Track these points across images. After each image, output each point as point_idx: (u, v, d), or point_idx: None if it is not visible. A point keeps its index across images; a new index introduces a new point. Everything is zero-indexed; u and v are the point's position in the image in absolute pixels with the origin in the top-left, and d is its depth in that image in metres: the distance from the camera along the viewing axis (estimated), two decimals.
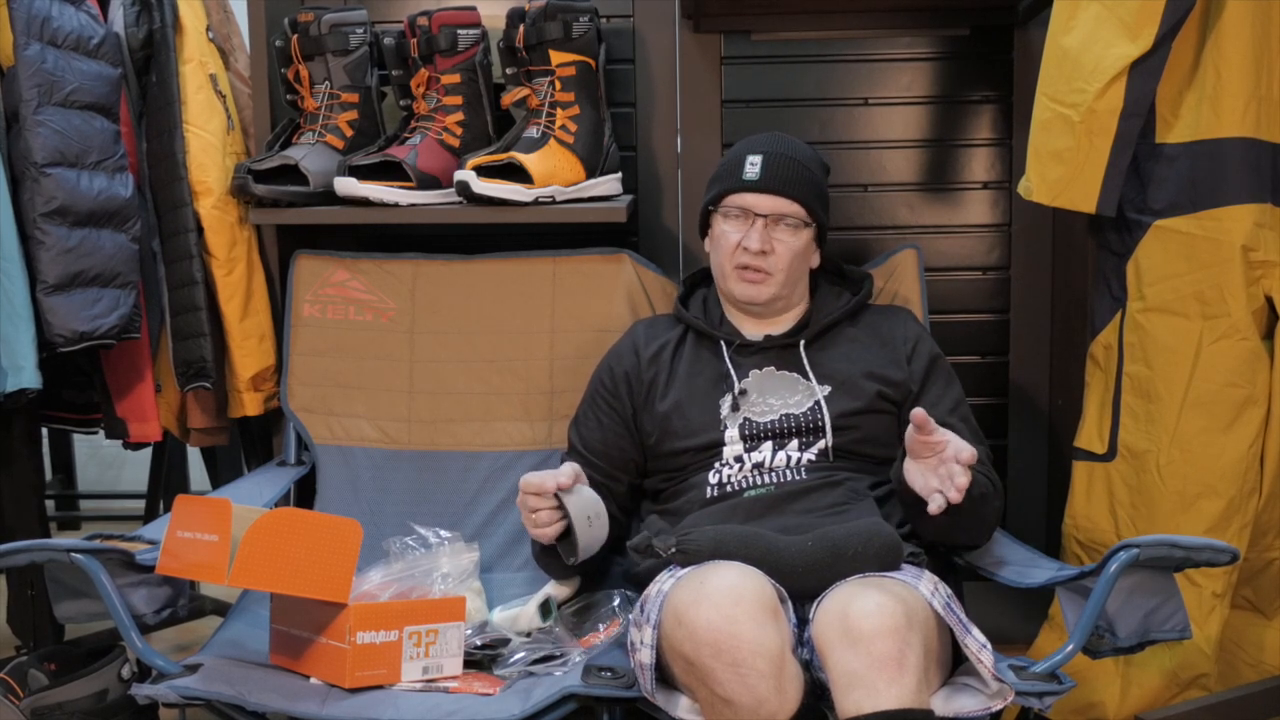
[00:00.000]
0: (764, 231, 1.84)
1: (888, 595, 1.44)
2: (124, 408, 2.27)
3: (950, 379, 1.89)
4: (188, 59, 2.18)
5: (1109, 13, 1.80)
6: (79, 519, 3.73)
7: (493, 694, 1.63)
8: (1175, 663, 1.95)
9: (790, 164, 1.86)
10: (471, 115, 2.18)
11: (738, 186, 1.86)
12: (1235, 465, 1.87)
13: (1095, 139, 1.84)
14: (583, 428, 1.94)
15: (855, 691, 1.39)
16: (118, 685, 1.95)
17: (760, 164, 1.85)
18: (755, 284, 1.86)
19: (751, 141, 1.91)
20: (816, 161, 1.92)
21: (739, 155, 1.89)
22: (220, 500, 1.53)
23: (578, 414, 1.97)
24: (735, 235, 1.85)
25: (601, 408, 1.92)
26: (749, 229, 1.85)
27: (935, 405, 1.83)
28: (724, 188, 1.88)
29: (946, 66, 2.35)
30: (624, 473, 1.90)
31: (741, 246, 1.85)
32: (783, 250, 1.85)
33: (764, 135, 1.92)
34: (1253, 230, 1.85)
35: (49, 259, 1.96)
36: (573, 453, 1.92)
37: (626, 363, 1.94)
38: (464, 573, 1.88)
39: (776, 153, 1.86)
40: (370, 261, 2.23)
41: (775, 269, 1.85)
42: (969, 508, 1.62)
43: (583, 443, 1.92)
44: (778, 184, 1.84)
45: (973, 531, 1.77)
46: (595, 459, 1.89)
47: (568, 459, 1.88)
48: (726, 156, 1.95)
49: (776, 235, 1.85)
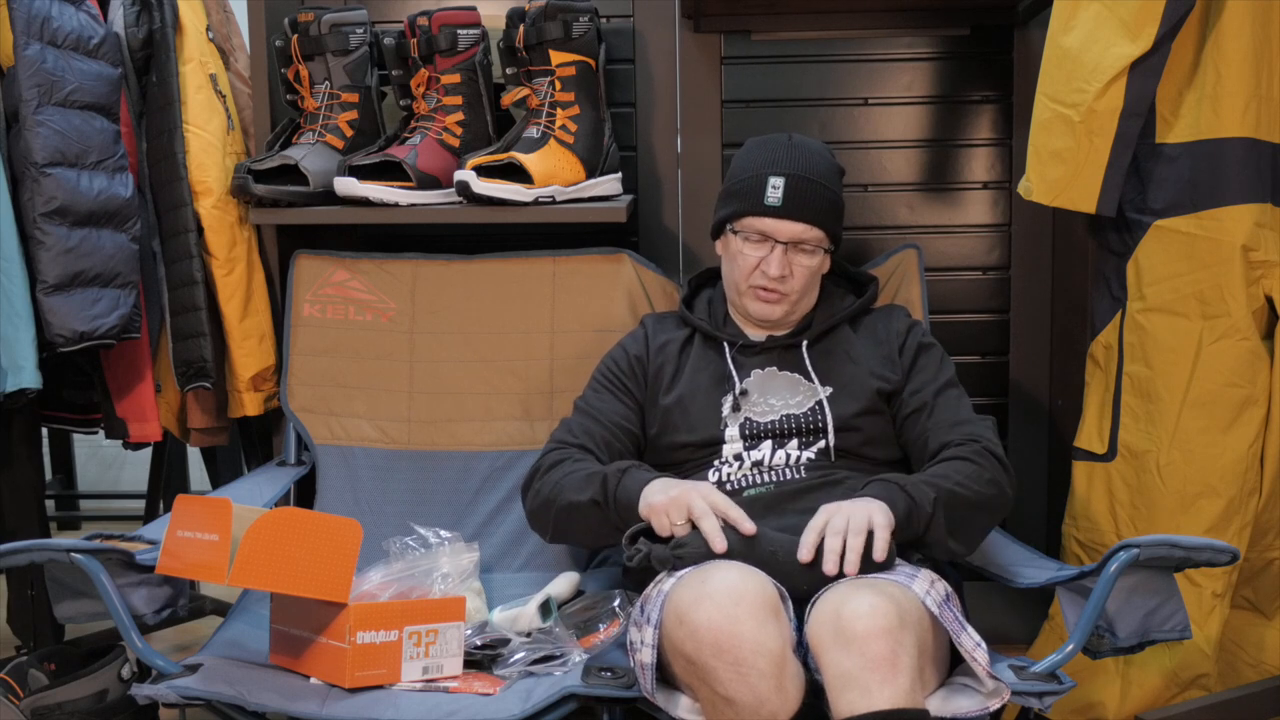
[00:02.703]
0: (784, 257, 1.82)
1: (880, 596, 1.44)
2: (124, 408, 2.27)
3: (941, 363, 1.88)
4: (188, 59, 2.18)
5: (1109, 12, 1.80)
6: (79, 519, 3.73)
7: (493, 694, 1.62)
8: (1175, 663, 1.95)
9: (811, 187, 1.82)
10: (471, 115, 2.18)
11: (759, 210, 1.82)
12: (1235, 465, 1.88)
13: (1095, 139, 1.84)
14: (591, 394, 1.91)
15: (849, 692, 1.39)
16: (118, 685, 1.95)
17: (783, 189, 1.81)
18: (772, 304, 1.86)
19: (770, 155, 1.85)
20: (834, 172, 1.88)
21: (760, 175, 1.83)
22: (220, 500, 1.53)
23: (586, 389, 1.94)
24: (754, 257, 1.84)
25: (615, 384, 1.91)
26: (769, 253, 1.82)
27: (921, 390, 1.83)
28: (744, 208, 1.84)
29: (946, 66, 2.36)
30: (624, 448, 1.88)
31: (760, 270, 1.83)
32: (800, 273, 1.84)
33: (783, 146, 1.86)
34: (1253, 230, 1.85)
35: (49, 259, 1.96)
36: (577, 413, 1.90)
37: (638, 349, 1.94)
38: (464, 573, 1.88)
39: (798, 175, 1.81)
40: (370, 261, 2.23)
41: (792, 290, 1.85)
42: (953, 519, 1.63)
43: (589, 404, 1.89)
44: (800, 211, 1.81)
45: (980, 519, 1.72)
46: (603, 419, 1.87)
47: (570, 419, 1.88)
48: (744, 168, 1.87)
49: (795, 259, 1.83)
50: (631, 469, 1.71)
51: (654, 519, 1.62)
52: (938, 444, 1.76)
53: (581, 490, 1.73)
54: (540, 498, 1.80)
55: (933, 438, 1.78)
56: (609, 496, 1.69)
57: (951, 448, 1.73)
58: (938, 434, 1.77)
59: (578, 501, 1.73)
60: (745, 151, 1.90)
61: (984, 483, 1.69)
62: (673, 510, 1.60)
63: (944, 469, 1.69)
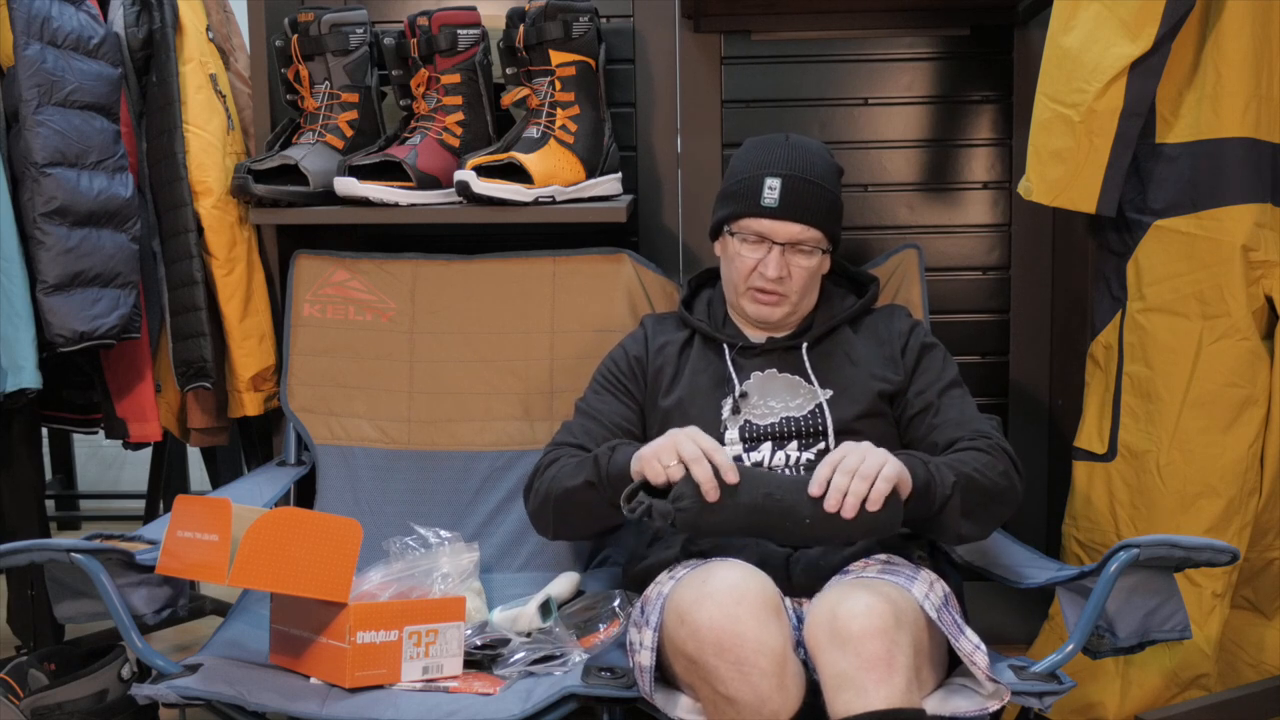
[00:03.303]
0: (781, 258, 1.82)
1: (876, 596, 1.44)
2: (124, 408, 2.27)
3: (944, 363, 1.87)
4: (188, 59, 2.18)
5: (1109, 12, 1.80)
6: (79, 519, 3.73)
7: (493, 694, 1.62)
8: (1175, 663, 1.95)
9: (808, 188, 1.82)
10: (471, 115, 2.18)
11: (755, 211, 1.81)
12: (1235, 465, 1.88)
13: (1095, 139, 1.84)
14: (592, 396, 1.91)
15: (845, 692, 1.39)
16: (118, 685, 1.95)
17: (779, 189, 1.80)
18: (770, 305, 1.85)
19: (768, 154, 1.84)
20: (832, 172, 1.87)
21: (756, 175, 1.82)
22: (220, 500, 1.53)
23: (586, 391, 1.93)
24: (751, 258, 1.83)
25: (615, 386, 1.91)
26: (766, 255, 1.82)
27: (925, 390, 1.82)
28: (741, 210, 1.83)
29: (946, 66, 2.36)
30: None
31: (758, 271, 1.83)
32: (799, 274, 1.84)
33: (780, 146, 1.85)
34: (1253, 230, 1.85)
35: (49, 259, 1.96)
36: (579, 415, 1.89)
37: (638, 350, 1.93)
38: (464, 573, 1.88)
39: (795, 176, 1.81)
40: (370, 261, 2.23)
41: (790, 291, 1.84)
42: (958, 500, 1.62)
43: (591, 407, 1.88)
44: (797, 212, 1.81)
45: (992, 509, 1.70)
46: (605, 421, 1.86)
47: (572, 421, 1.87)
48: (742, 168, 1.86)
49: (793, 260, 1.83)
50: (621, 445, 1.70)
51: (646, 469, 1.58)
52: (947, 440, 1.75)
53: (575, 475, 1.72)
54: (539, 495, 1.79)
55: (940, 435, 1.77)
56: (602, 474, 1.67)
57: (964, 441, 1.73)
58: (945, 431, 1.77)
59: (572, 487, 1.72)
60: (743, 152, 1.90)
61: (999, 474, 1.69)
62: (663, 454, 1.57)
63: (961, 457, 1.69)
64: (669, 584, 1.56)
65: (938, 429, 1.78)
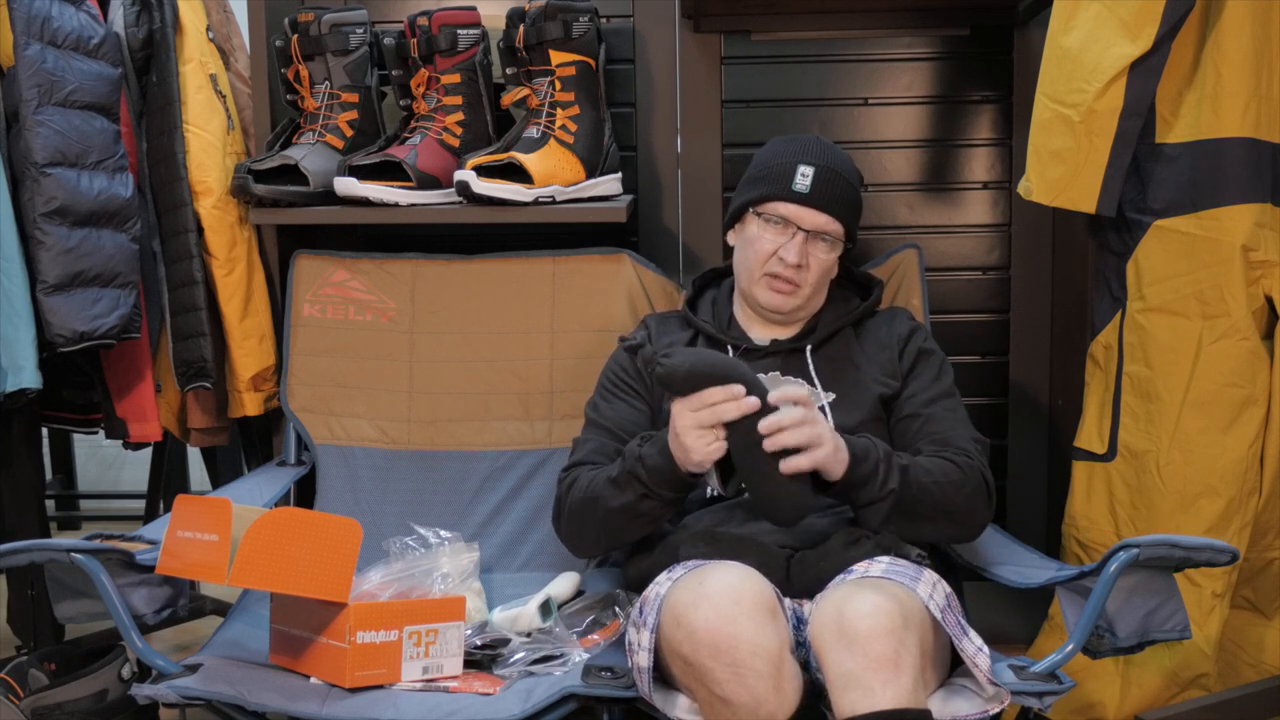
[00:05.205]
0: (803, 246, 1.82)
1: (883, 596, 1.44)
2: (124, 408, 2.27)
3: (941, 371, 1.87)
4: (188, 59, 2.18)
5: (1109, 12, 1.80)
6: (79, 519, 3.73)
7: (493, 694, 1.63)
8: (1175, 663, 1.95)
9: (839, 181, 1.83)
10: (471, 115, 2.18)
11: (786, 195, 1.82)
12: (1235, 465, 1.88)
13: (1095, 139, 1.84)
14: (602, 403, 1.89)
15: (851, 692, 1.39)
16: (118, 685, 1.95)
17: (812, 177, 1.81)
18: (784, 294, 1.85)
19: (801, 147, 1.86)
20: (857, 175, 1.90)
21: (789, 162, 1.83)
22: (220, 500, 1.53)
23: (595, 395, 1.92)
24: (772, 243, 1.83)
25: (624, 389, 1.90)
26: (789, 240, 1.82)
27: (915, 395, 1.82)
28: (771, 192, 1.84)
29: (946, 66, 2.36)
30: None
31: (777, 256, 1.83)
32: (816, 265, 1.84)
33: (811, 141, 1.88)
34: (1253, 230, 1.85)
35: (49, 259, 1.96)
36: (591, 427, 1.88)
37: None
38: (464, 573, 1.88)
39: (827, 167, 1.83)
40: (370, 261, 2.23)
41: (806, 282, 1.84)
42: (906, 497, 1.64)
43: (603, 417, 1.86)
44: (826, 202, 1.82)
45: (938, 522, 1.70)
46: (619, 431, 1.84)
47: (587, 435, 1.86)
48: (772, 157, 1.87)
49: (813, 250, 1.83)
50: (642, 453, 1.67)
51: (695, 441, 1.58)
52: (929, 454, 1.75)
53: (619, 495, 1.69)
54: (576, 519, 1.76)
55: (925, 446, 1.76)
56: (649, 484, 1.65)
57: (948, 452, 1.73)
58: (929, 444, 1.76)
59: (623, 504, 1.69)
60: (771, 145, 1.91)
61: (962, 494, 1.69)
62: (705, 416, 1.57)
63: (930, 461, 1.70)
64: (667, 585, 1.56)
65: (923, 438, 1.78)
